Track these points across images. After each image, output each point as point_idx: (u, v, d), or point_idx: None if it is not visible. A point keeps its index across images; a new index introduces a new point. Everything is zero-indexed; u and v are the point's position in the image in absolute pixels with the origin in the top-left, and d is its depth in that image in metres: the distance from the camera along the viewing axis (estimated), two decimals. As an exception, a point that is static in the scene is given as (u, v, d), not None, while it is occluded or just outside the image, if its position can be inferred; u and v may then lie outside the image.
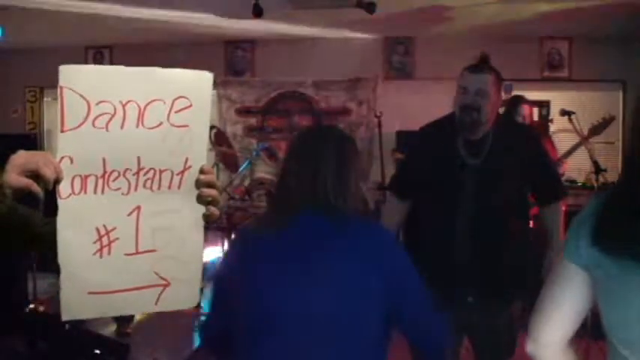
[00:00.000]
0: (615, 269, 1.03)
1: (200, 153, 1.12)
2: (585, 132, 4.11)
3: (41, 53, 6.92)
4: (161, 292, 1.12)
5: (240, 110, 6.81)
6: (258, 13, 5.01)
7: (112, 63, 7.09)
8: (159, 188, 1.09)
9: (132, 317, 4.50)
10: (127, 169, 1.07)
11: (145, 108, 1.07)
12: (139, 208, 1.09)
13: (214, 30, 6.23)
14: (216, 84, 6.73)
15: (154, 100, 1.07)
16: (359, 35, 6.49)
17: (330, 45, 6.60)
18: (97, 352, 3.40)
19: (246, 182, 6.16)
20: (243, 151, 6.41)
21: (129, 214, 1.08)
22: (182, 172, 1.11)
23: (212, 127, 5.79)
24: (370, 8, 4.99)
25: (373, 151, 6.59)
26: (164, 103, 1.08)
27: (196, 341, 4.10)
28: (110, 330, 4.36)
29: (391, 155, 5.45)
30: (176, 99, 1.09)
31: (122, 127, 1.05)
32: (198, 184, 1.11)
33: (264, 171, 6.64)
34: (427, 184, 2.41)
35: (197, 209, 1.12)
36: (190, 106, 1.10)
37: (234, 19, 5.66)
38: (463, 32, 6.25)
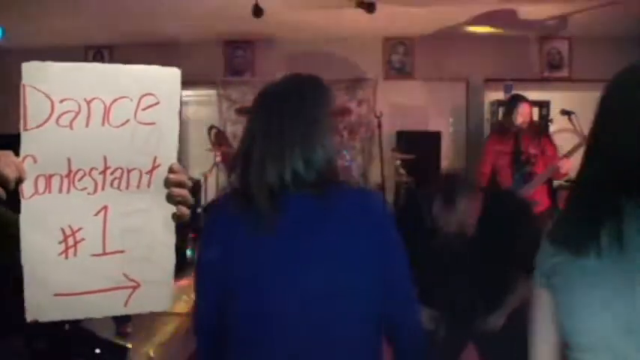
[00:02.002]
0: (573, 270, 1.04)
1: (169, 151, 1.09)
2: (585, 132, 4.10)
3: (41, 53, 6.91)
4: (131, 294, 1.08)
5: (240, 110, 6.80)
6: (258, 13, 5.01)
7: (112, 63, 7.09)
8: (127, 188, 1.07)
9: (131, 318, 4.50)
10: (93, 168, 1.04)
11: (110, 105, 1.04)
12: (106, 208, 1.06)
13: (214, 30, 6.23)
14: (216, 84, 6.76)
15: (120, 98, 1.05)
16: (359, 35, 6.49)
17: (330, 45, 6.60)
18: (97, 352, 3.39)
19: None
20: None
21: (96, 214, 1.06)
22: (151, 171, 1.08)
23: (212, 127, 5.80)
24: (370, 8, 4.99)
25: (373, 151, 6.60)
26: (130, 100, 1.05)
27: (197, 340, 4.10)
28: (110, 330, 4.36)
29: (391, 155, 5.45)
30: (143, 96, 1.06)
31: (87, 125, 1.03)
32: (168, 183, 1.08)
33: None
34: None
35: (167, 209, 1.10)
36: (158, 103, 1.07)
37: (234, 19, 5.66)
38: (463, 32, 6.25)
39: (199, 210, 5.56)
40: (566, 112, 4.25)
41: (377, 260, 1.36)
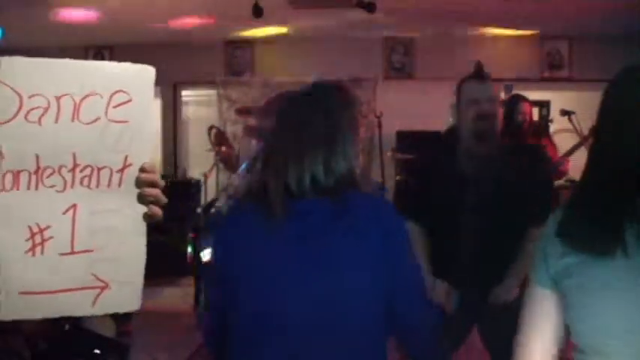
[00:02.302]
0: (594, 271, 1.01)
1: (141, 150, 1.07)
2: (585, 132, 4.11)
3: (41, 53, 6.91)
4: (99, 294, 1.06)
5: (240, 110, 6.80)
6: (258, 13, 5.01)
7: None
8: (97, 186, 1.05)
9: (131, 316, 4.50)
10: (62, 165, 1.02)
11: (80, 102, 1.02)
12: (75, 206, 1.04)
13: (214, 30, 6.23)
14: (216, 84, 6.77)
15: (90, 94, 1.03)
16: (359, 35, 6.49)
17: (330, 45, 6.60)
18: (97, 352, 3.39)
19: (247, 182, 6.16)
20: (243, 151, 6.41)
21: (64, 213, 1.03)
22: (122, 169, 1.06)
23: (212, 127, 5.80)
24: (370, 8, 4.99)
25: (373, 151, 6.60)
26: (101, 97, 1.03)
27: (199, 338, 4.10)
28: (110, 329, 4.36)
29: (391, 155, 5.45)
30: (114, 93, 1.04)
31: (56, 121, 1.01)
32: (139, 182, 1.06)
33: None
34: (435, 201, 2.37)
35: (138, 209, 1.08)
36: (130, 100, 1.05)
37: (234, 19, 5.66)
38: (463, 32, 6.25)
39: (199, 210, 5.57)
40: (566, 112, 4.25)
41: (386, 268, 1.36)
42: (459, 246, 2.32)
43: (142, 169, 1.07)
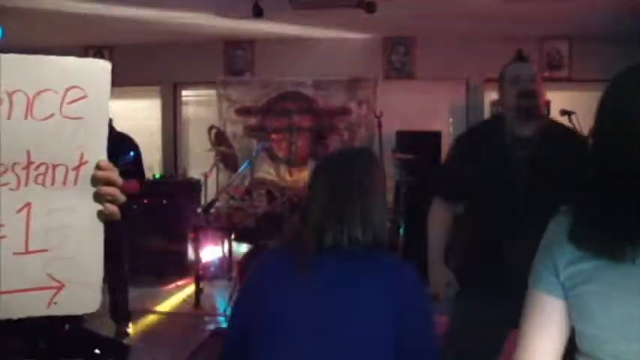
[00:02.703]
0: (614, 277, 0.99)
1: (98, 147, 1.04)
2: (585, 132, 4.10)
3: (41, 53, 6.90)
4: (54, 295, 1.04)
5: (240, 110, 6.81)
6: (258, 13, 5.01)
7: (112, 63, 7.09)
8: (52, 184, 1.02)
9: (131, 317, 4.51)
10: (16, 163, 1.00)
11: (34, 98, 1.00)
12: (29, 205, 1.01)
13: (214, 30, 6.23)
14: (216, 84, 6.75)
15: (44, 90, 1.01)
16: (359, 35, 6.50)
17: (330, 45, 6.60)
18: (97, 352, 3.40)
19: (246, 182, 6.16)
20: (243, 151, 6.42)
21: (18, 211, 1.01)
22: (77, 167, 1.03)
23: (212, 127, 5.80)
24: (370, 8, 4.99)
25: (373, 151, 6.59)
26: (56, 93, 1.01)
27: (197, 338, 4.09)
28: (110, 330, 4.37)
29: (391, 155, 5.45)
30: (69, 89, 1.02)
31: (9, 117, 0.99)
32: (96, 180, 1.04)
33: (264, 171, 6.64)
34: (477, 183, 2.37)
35: (95, 207, 1.05)
36: (85, 96, 1.02)
37: (234, 19, 5.66)
38: (463, 32, 6.25)
39: (199, 210, 5.57)
40: (566, 112, 4.23)
41: (403, 328, 1.42)
42: (502, 232, 2.28)
43: (99, 167, 1.04)
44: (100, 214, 1.06)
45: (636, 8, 5.00)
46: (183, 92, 7.24)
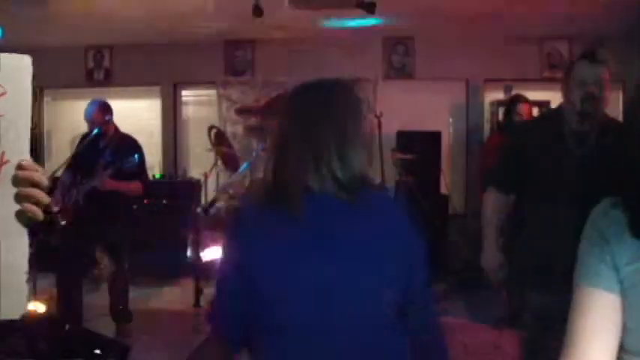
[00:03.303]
0: None
1: (19, 146, 0.99)
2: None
3: (41, 53, 6.90)
4: None
5: (240, 110, 6.81)
6: (258, 13, 5.01)
7: (111, 63, 7.11)
8: None
9: (132, 317, 4.51)
10: None
11: None
12: None
13: (214, 30, 6.23)
14: (216, 84, 6.73)
15: None
16: (359, 35, 6.50)
17: (330, 45, 6.60)
18: (97, 352, 3.40)
19: (246, 182, 6.16)
20: (243, 151, 6.41)
21: None
22: None
23: (212, 127, 5.79)
24: (370, 8, 4.99)
25: (373, 151, 6.59)
26: None
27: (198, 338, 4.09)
28: (110, 330, 4.36)
29: (391, 155, 5.45)
30: None
31: None
32: (17, 180, 0.98)
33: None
34: (533, 175, 2.40)
35: (17, 209, 0.99)
36: (4, 93, 0.98)
37: (234, 19, 5.66)
38: (463, 32, 6.25)
39: (199, 210, 5.56)
40: (566, 112, 4.24)
41: (404, 263, 1.41)
42: (558, 225, 2.30)
43: (20, 167, 0.99)
44: (21, 216, 0.99)
45: (636, 8, 4.99)
46: (183, 92, 7.24)
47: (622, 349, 1.05)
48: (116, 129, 4.35)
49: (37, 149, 6.79)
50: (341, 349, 1.35)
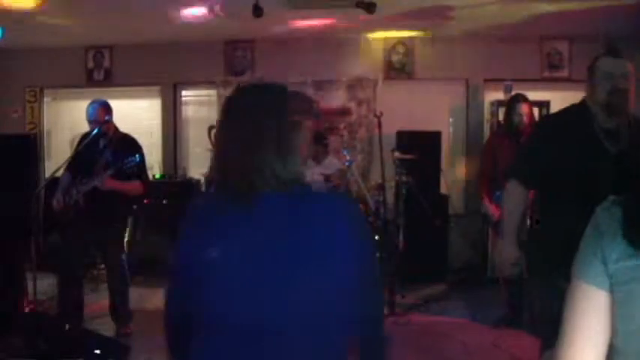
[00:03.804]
0: None
1: None
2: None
3: (41, 53, 6.92)
4: None
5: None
6: (258, 13, 5.01)
7: (112, 63, 7.10)
8: None
9: (131, 317, 4.51)
10: None
11: None
12: None
13: (214, 30, 6.23)
14: (216, 84, 6.73)
15: None
16: (359, 35, 6.50)
17: (330, 45, 6.60)
18: (97, 352, 3.40)
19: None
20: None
21: None
22: None
23: (212, 127, 5.79)
24: (370, 8, 4.99)
25: (373, 151, 6.59)
26: None
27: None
28: (110, 330, 4.36)
29: (391, 155, 5.45)
30: None
31: None
32: None
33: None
34: (562, 171, 2.38)
35: None
36: None
37: (234, 19, 5.66)
38: (463, 33, 6.25)
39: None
40: (566, 112, 4.24)
41: (352, 260, 1.40)
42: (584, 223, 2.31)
43: None
44: None
45: (635, 9, 5.00)
46: (183, 92, 7.24)
47: (612, 349, 1.05)
48: (116, 129, 4.35)
49: (36, 149, 6.78)
50: (281, 350, 1.35)
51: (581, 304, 1.07)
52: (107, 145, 4.23)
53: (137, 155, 4.09)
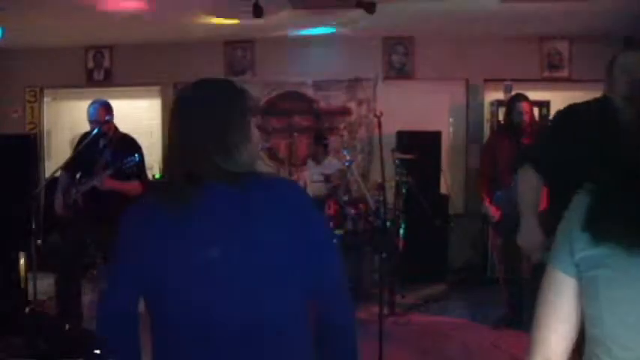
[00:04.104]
0: (619, 263, 1.00)
1: None
2: (585, 132, 4.10)
3: (41, 53, 6.92)
4: None
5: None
6: (258, 13, 5.01)
7: (112, 63, 7.10)
8: None
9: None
10: None
11: None
12: None
13: (214, 30, 6.23)
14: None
15: None
16: (359, 35, 6.50)
17: (330, 45, 6.60)
18: (97, 352, 3.39)
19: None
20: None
21: None
22: None
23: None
24: (370, 8, 4.99)
25: (373, 151, 6.59)
26: None
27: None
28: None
29: (391, 155, 5.45)
30: None
31: None
32: None
33: (264, 171, 6.64)
34: (578, 162, 2.31)
35: None
36: None
37: (234, 19, 5.66)
38: (463, 32, 6.25)
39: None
40: (566, 112, 4.24)
41: (299, 244, 1.38)
42: None
43: None
44: None
45: (636, 8, 5.00)
46: (183, 92, 7.23)
47: (584, 337, 1.08)
48: (115, 129, 4.35)
49: (36, 149, 6.78)
50: (238, 346, 1.32)
51: (552, 288, 1.12)
52: (107, 145, 4.23)
53: (137, 155, 4.10)
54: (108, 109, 4.27)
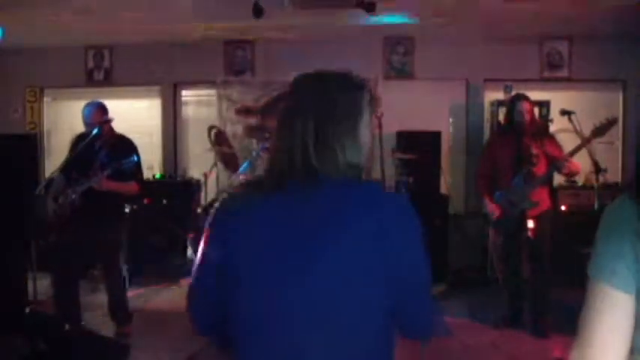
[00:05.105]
0: None
1: None
2: (585, 132, 4.10)
3: (41, 53, 6.92)
4: None
5: (240, 110, 6.80)
6: (258, 13, 5.00)
7: (111, 63, 7.10)
8: None
9: (131, 317, 4.51)
10: None
11: None
12: None
13: (214, 30, 6.23)
14: (216, 84, 6.73)
15: None
16: (359, 35, 6.49)
17: (330, 45, 6.60)
18: (97, 352, 3.40)
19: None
20: (243, 151, 6.41)
21: None
22: None
23: (212, 127, 5.80)
24: (370, 8, 4.99)
25: (373, 151, 6.59)
26: None
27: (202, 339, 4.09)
28: (110, 330, 4.36)
29: (391, 155, 5.45)
30: None
31: None
32: None
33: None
34: None
35: None
36: None
37: (234, 19, 5.66)
38: (463, 32, 6.25)
39: (199, 210, 5.56)
40: (566, 112, 4.24)
41: (386, 265, 1.29)
42: None
43: None
44: None
45: (635, 8, 4.99)
46: (183, 92, 7.24)
47: (632, 349, 1.03)
48: (111, 129, 4.35)
49: (36, 149, 6.78)
50: (320, 355, 1.29)
51: (605, 307, 1.02)
52: (102, 146, 4.23)
53: (134, 156, 4.13)
54: (103, 110, 4.27)
